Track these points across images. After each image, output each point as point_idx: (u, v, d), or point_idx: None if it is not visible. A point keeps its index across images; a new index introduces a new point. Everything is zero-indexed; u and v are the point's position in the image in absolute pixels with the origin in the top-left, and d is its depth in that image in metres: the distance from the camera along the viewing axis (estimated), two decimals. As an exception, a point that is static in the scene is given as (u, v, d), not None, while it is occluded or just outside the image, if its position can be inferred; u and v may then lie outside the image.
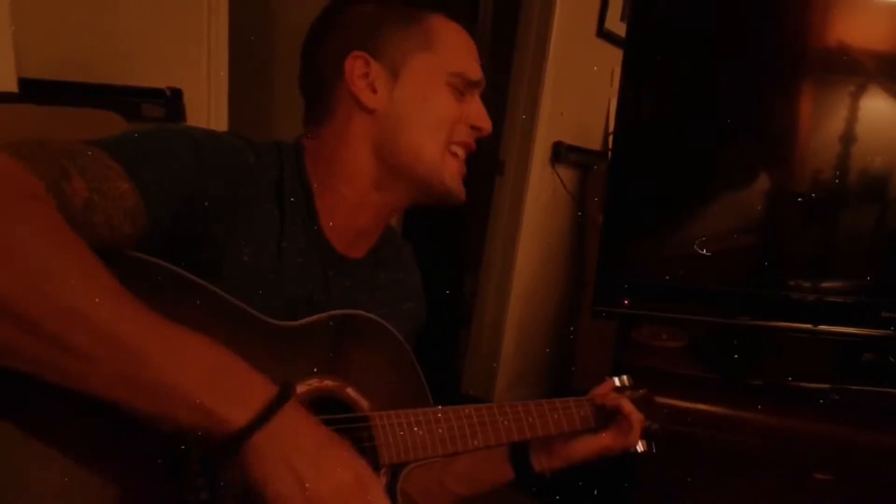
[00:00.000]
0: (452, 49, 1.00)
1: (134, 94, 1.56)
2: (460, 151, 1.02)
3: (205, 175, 0.84)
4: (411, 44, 0.98)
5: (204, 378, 0.64)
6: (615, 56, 2.98)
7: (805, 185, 1.79)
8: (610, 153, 2.94)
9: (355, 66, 0.96)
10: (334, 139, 0.99)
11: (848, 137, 1.68)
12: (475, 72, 1.02)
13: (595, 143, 3.21)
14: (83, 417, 0.66)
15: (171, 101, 1.62)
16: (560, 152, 2.99)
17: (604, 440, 1.12)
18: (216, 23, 1.74)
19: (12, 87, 1.34)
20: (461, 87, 1.00)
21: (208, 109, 1.76)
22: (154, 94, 1.60)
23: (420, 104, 0.98)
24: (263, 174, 0.93)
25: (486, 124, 1.03)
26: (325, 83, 0.98)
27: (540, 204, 3.03)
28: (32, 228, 0.61)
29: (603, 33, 3.03)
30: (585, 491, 1.54)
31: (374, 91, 0.97)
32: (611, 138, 3.05)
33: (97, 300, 0.61)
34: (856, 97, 1.68)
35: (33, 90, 1.37)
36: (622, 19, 3.03)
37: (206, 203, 0.84)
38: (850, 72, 1.68)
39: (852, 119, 1.67)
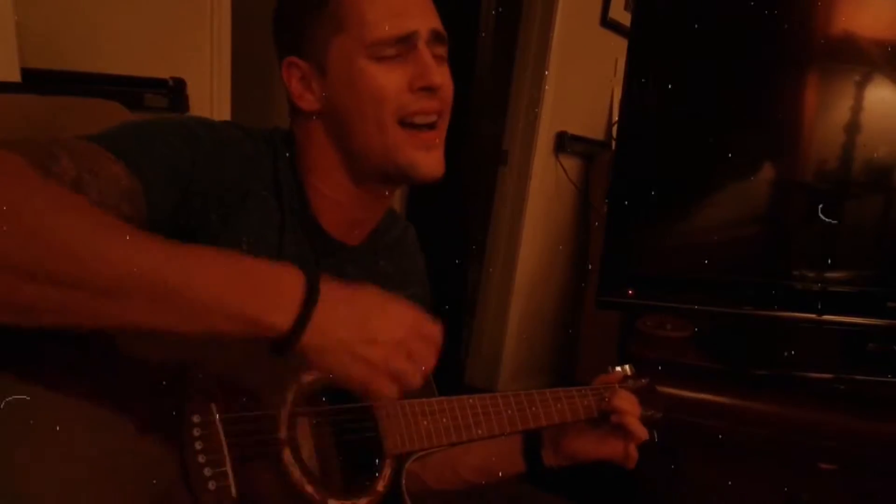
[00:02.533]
0: (362, 18, 0.91)
1: (137, 83, 1.56)
2: (420, 119, 0.94)
3: (201, 165, 0.84)
4: (325, 31, 0.92)
5: (240, 289, 0.66)
6: (619, 45, 2.97)
7: (810, 174, 1.79)
8: (614, 143, 2.94)
9: (291, 73, 0.95)
10: (303, 141, 0.98)
11: (853, 127, 1.68)
12: (397, 27, 0.91)
13: (598, 133, 3.20)
14: (84, 385, 0.67)
15: (174, 90, 1.62)
16: (564, 142, 2.99)
17: (606, 442, 1.12)
18: (219, 12, 1.73)
19: (15, 77, 1.34)
20: (390, 53, 0.91)
21: (211, 99, 1.75)
22: (157, 84, 1.59)
23: (350, 91, 0.92)
24: (260, 163, 0.93)
25: (432, 79, 0.92)
26: (285, 90, 0.97)
27: (543, 194, 3.02)
28: (23, 188, 0.61)
29: (607, 22, 3.02)
30: (590, 479, 1.54)
31: (311, 91, 0.95)
32: (614, 128, 3.04)
33: (107, 237, 0.62)
34: (861, 87, 1.67)
35: (36, 80, 1.37)
36: (626, 8, 3.02)
37: (204, 193, 0.84)
38: (855, 61, 1.68)
39: (857, 108, 1.67)
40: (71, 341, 0.64)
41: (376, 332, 0.73)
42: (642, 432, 1.10)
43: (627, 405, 1.10)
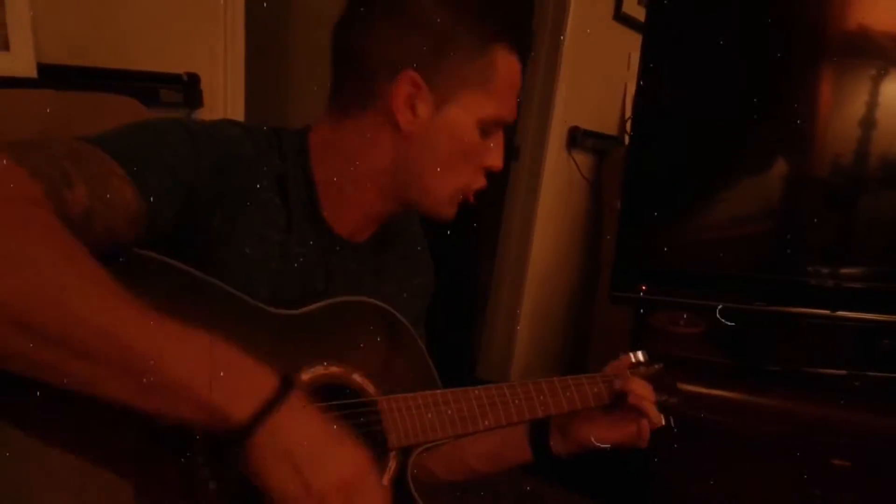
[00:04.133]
0: (504, 90, 0.95)
1: (152, 79, 1.56)
2: (470, 196, 1.00)
3: (202, 168, 0.83)
4: (469, 79, 0.93)
5: (204, 373, 0.64)
6: (632, 40, 2.96)
7: (824, 170, 1.78)
8: (626, 138, 2.93)
9: (405, 87, 0.91)
10: (355, 138, 0.96)
11: (868, 122, 1.67)
12: (512, 113, 0.98)
13: (611, 128, 3.19)
14: (87, 410, 0.66)
15: (189, 86, 1.63)
16: (576, 137, 2.98)
17: (618, 426, 1.11)
18: (233, 8, 1.73)
19: (32, 72, 1.35)
20: (490, 129, 0.97)
21: (225, 94, 1.75)
22: (172, 80, 1.60)
23: (450, 141, 0.94)
24: (262, 164, 0.91)
25: (500, 165, 1.00)
26: (365, 74, 0.93)
27: (555, 189, 3.02)
28: (31, 235, 0.61)
29: (620, 16, 3.01)
30: (603, 475, 1.54)
31: (414, 114, 0.93)
32: (627, 123, 3.03)
33: (95, 300, 0.61)
34: (877, 81, 1.66)
35: (52, 76, 1.37)
36: (639, 3, 3.00)
37: (205, 196, 0.83)
38: (871, 55, 1.66)
39: (873, 103, 1.66)
40: None
41: (327, 461, 0.70)
42: (657, 414, 1.09)
43: (641, 388, 1.09)
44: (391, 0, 0.93)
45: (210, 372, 0.65)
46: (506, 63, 0.95)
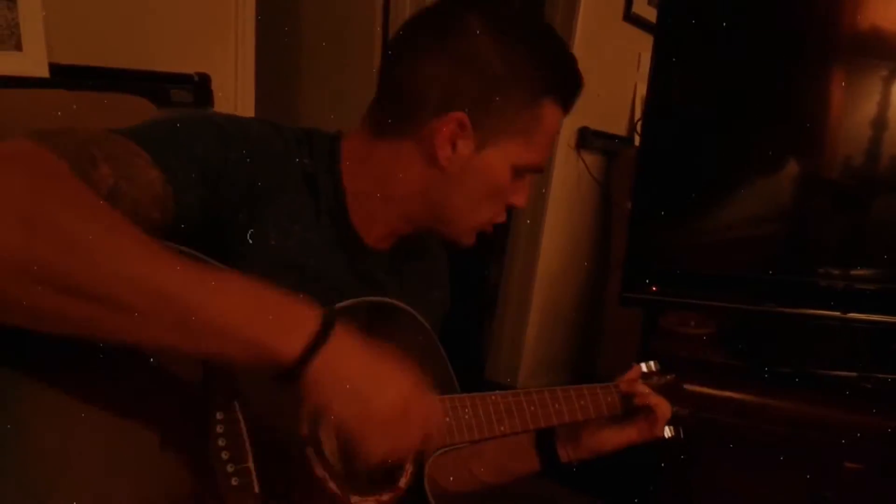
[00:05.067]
0: (544, 140, 0.98)
1: (163, 79, 1.57)
2: (489, 228, 1.03)
3: (231, 161, 0.84)
4: (515, 127, 0.94)
5: (250, 314, 0.66)
6: (642, 40, 2.95)
7: (836, 171, 1.78)
8: (636, 139, 2.92)
9: (450, 126, 0.92)
10: (388, 160, 0.96)
11: (880, 123, 1.66)
12: (546, 160, 1.01)
13: (620, 129, 3.18)
14: (107, 384, 0.68)
15: (200, 86, 1.63)
16: (585, 138, 2.97)
17: (630, 433, 1.12)
18: (244, 8, 1.74)
19: (44, 72, 1.35)
20: (522, 174, 0.99)
21: (235, 95, 1.76)
22: (183, 80, 1.61)
23: (483, 181, 0.96)
24: (291, 161, 0.92)
25: (524, 205, 1.03)
26: (411, 104, 0.94)
27: (565, 190, 3.01)
28: (61, 199, 0.61)
29: (630, 17, 3.00)
30: (612, 477, 1.54)
31: (453, 151, 0.93)
32: (637, 124, 3.02)
33: (132, 253, 0.62)
34: (888, 82, 1.65)
35: (64, 75, 1.38)
36: (650, 3, 2.99)
37: (233, 188, 0.84)
38: (883, 56, 1.65)
39: (884, 104, 1.65)
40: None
41: (382, 380, 0.72)
42: (666, 406, 1.11)
43: (649, 389, 1.11)
44: (450, 35, 0.93)
45: (254, 312, 0.66)
46: (552, 115, 0.97)
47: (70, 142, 0.70)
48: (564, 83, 0.99)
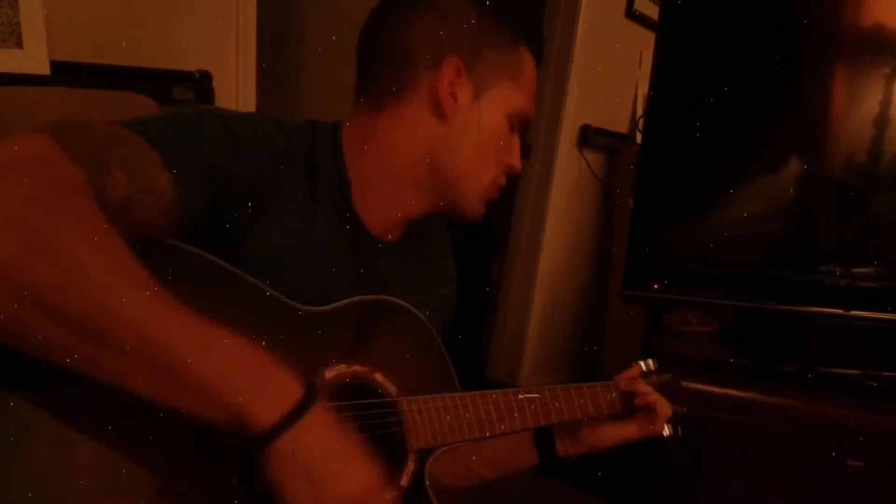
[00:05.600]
0: (528, 87, 1.01)
1: (164, 76, 1.57)
2: (496, 193, 1.04)
3: (237, 159, 0.83)
4: (504, 70, 0.98)
5: (233, 376, 0.64)
6: (644, 38, 2.96)
7: (838, 168, 1.77)
8: (638, 136, 2.92)
9: (449, 73, 0.94)
10: (392, 128, 0.97)
11: (882, 121, 1.65)
12: (534, 110, 1.03)
13: (622, 127, 3.19)
14: (110, 408, 0.66)
15: (201, 83, 1.63)
16: (587, 135, 2.98)
17: (629, 429, 1.12)
18: (245, 5, 1.74)
19: (45, 69, 1.35)
20: (516, 126, 1.02)
21: (237, 92, 1.76)
22: (184, 77, 1.61)
23: (487, 130, 0.98)
24: (295, 156, 0.92)
25: (520, 165, 1.06)
26: (403, 65, 0.96)
27: (567, 187, 3.02)
28: (70, 222, 0.61)
29: (632, 14, 3.00)
30: (615, 475, 1.54)
31: (455, 100, 0.96)
32: (639, 121, 3.02)
33: (131, 297, 0.61)
34: (890, 80, 1.65)
35: (65, 73, 1.38)
36: (652, 0, 2.99)
37: (238, 187, 0.84)
38: (885, 53, 1.65)
39: (887, 102, 1.65)
40: None
41: (341, 477, 0.70)
42: (666, 404, 1.11)
43: (649, 388, 1.11)
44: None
45: (237, 375, 0.65)
46: (528, 62, 1.01)
47: (86, 144, 0.69)
48: (534, 33, 1.03)
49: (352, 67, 1.01)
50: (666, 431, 1.13)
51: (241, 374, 0.65)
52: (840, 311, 1.71)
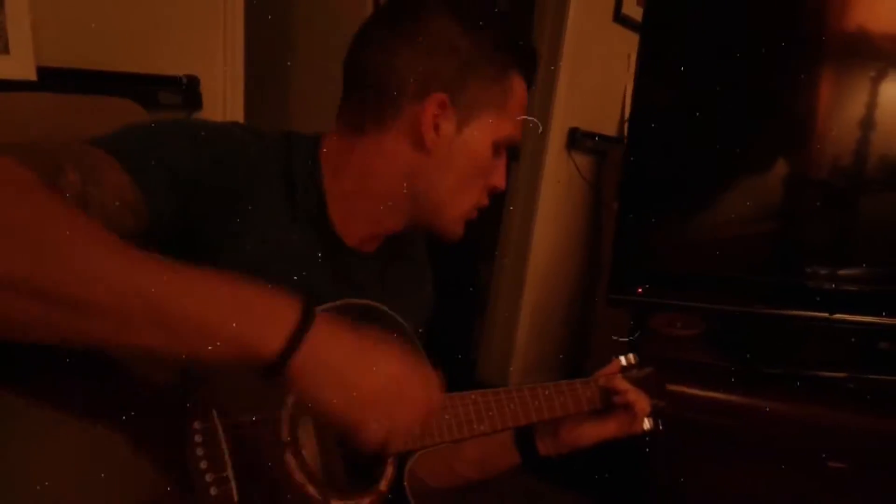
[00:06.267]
0: (516, 112, 1.01)
1: (151, 82, 1.57)
2: (474, 214, 1.04)
3: (204, 168, 0.84)
4: (490, 101, 0.98)
5: (229, 309, 0.65)
6: (631, 41, 2.95)
7: (824, 171, 1.78)
8: (626, 139, 2.93)
9: (433, 108, 0.94)
10: (371, 154, 0.97)
11: (868, 123, 1.67)
12: (519, 135, 1.03)
13: (611, 130, 3.19)
14: (84, 394, 0.67)
15: (188, 88, 1.63)
16: (576, 138, 2.98)
17: (609, 427, 1.13)
18: (232, 10, 1.74)
19: (31, 75, 1.35)
20: (500, 149, 1.02)
21: (224, 97, 1.76)
22: (171, 82, 1.61)
23: (468, 159, 0.99)
24: (268, 166, 0.92)
25: (504, 185, 1.05)
26: (386, 94, 0.95)
27: (555, 190, 3.02)
28: (28, 206, 0.61)
29: (620, 18, 3.01)
30: (601, 477, 1.54)
31: (437, 132, 0.96)
32: (626, 124, 3.03)
33: (107, 257, 0.61)
34: (876, 82, 1.66)
35: (52, 79, 1.38)
36: (638, 4, 3.00)
37: (207, 194, 0.84)
38: (870, 56, 1.66)
39: (872, 104, 1.66)
40: (71, 350, 0.65)
41: (369, 366, 0.71)
42: (645, 401, 1.12)
43: (634, 395, 1.11)
44: (416, 25, 0.96)
45: (234, 309, 0.65)
46: (519, 87, 1.01)
47: (35, 152, 0.69)
48: (526, 58, 1.02)
49: (341, 72, 1.01)
50: (646, 426, 1.14)
51: (237, 307, 0.66)
52: (825, 315, 1.72)
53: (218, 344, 0.64)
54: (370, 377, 0.71)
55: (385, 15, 1.00)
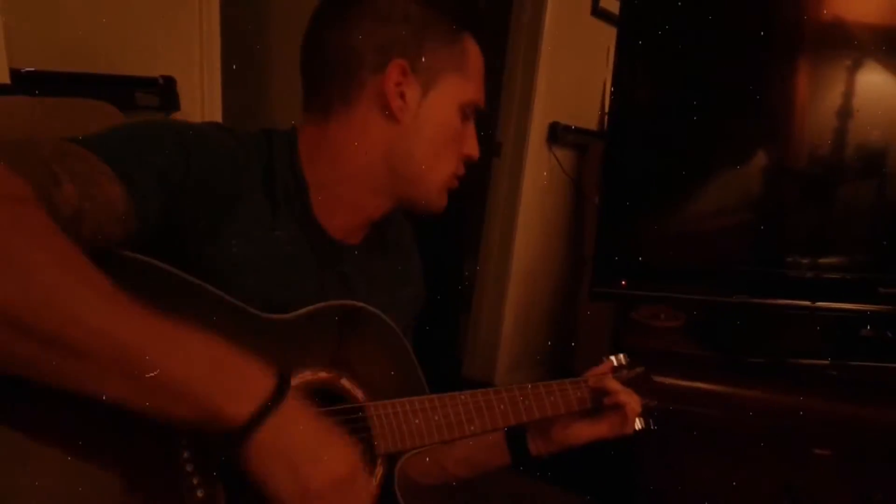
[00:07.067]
0: (476, 75, 1.01)
1: (127, 83, 1.55)
2: (455, 183, 1.04)
3: (191, 169, 0.83)
4: (448, 63, 0.98)
5: (202, 373, 0.64)
6: (610, 35, 2.96)
7: (802, 161, 1.79)
8: (606, 133, 2.94)
9: (394, 75, 0.94)
10: (344, 134, 0.97)
11: (845, 112, 1.68)
12: (482, 97, 1.03)
13: (591, 124, 3.20)
14: (77, 419, 0.66)
15: (165, 89, 1.62)
16: (557, 133, 2.99)
17: (600, 427, 1.13)
18: (208, 9, 1.73)
19: (4, 78, 1.34)
20: (469, 114, 1.02)
21: (202, 97, 1.75)
22: (147, 83, 1.59)
23: (440, 126, 0.99)
24: (250, 165, 0.92)
25: (477, 153, 1.05)
26: (348, 70, 0.96)
27: (537, 186, 3.03)
28: (22, 234, 0.60)
29: (597, 12, 3.02)
30: (588, 469, 1.55)
31: (403, 100, 0.96)
32: (607, 118, 3.04)
33: (91, 300, 0.61)
34: (852, 71, 1.68)
35: (25, 81, 1.36)
36: (617, -2, 3.01)
37: (193, 197, 0.83)
38: (846, 46, 1.67)
39: (849, 94, 1.67)
40: None
41: (323, 461, 0.71)
42: (636, 402, 1.11)
43: (626, 395, 1.11)
44: (367, 2, 0.96)
45: (208, 372, 0.65)
46: (473, 49, 1.01)
47: (32, 158, 0.68)
48: (475, 17, 1.04)
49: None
50: (637, 425, 1.14)
51: (211, 371, 0.65)
52: (807, 303, 1.73)
53: (185, 406, 0.64)
54: (322, 473, 0.70)
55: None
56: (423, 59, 0.96)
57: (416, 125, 0.97)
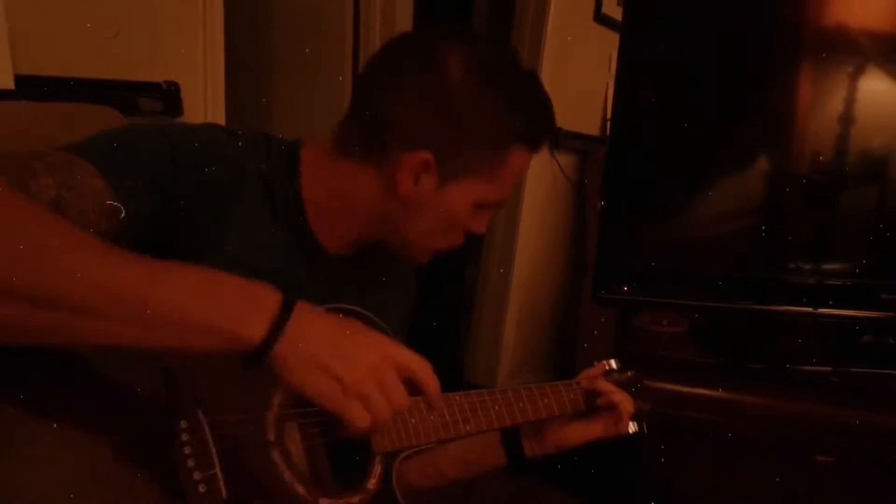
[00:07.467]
0: (509, 181, 0.99)
1: (131, 88, 1.56)
2: (444, 252, 1.04)
3: (180, 168, 0.84)
4: (481, 167, 0.96)
5: (209, 301, 0.66)
6: (613, 40, 2.96)
7: (804, 167, 1.79)
8: (609, 139, 2.94)
9: (416, 162, 0.93)
10: (351, 180, 0.97)
11: (847, 118, 1.68)
12: (508, 198, 1.02)
13: (594, 129, 3.20)
14: (71, 394, 0.67)
15: (168, 94, 1.62)
16: (559, 138, 2.99)
17: (594, 428, 1.14)
18: (212, 14, 1.73)
19: (9, 83, 1.34)
20: (485, 209, 1.01)
21: (205, 102, 1.75)
22: (151, 89, 1.60)
23: (444, 215, 0.98)
24: (247, 166, 0.92)
25: (483, 231, 1.04)
26: (380, 134, 0.94)
27: (539, 191, 3.02)
28: (3, 211, 0.60)
29: (600, 17, 3.02)
30: (587, 476, 1.55)
31: (416, 185, 0.94)
32: (609, 124, 3.04)
33: (84, 255, 0.61)
34: (854, 78, 1.68)
35: (30, 86, 1.37)
36: (619, 3, 3.01)
37: (185, 196, 0.84)
38: (849, 52, 1.67)
39: (851, 100, 1.67)
40: (56, 351, 0.65)
41: (352, 353, 0.72)
42: (629, 402, 1.12)
43: (618, 396, 1.12)
44: (428, 77, 0.93)
45: (215, 302, 0.66)
46: (519, 157, 0.98)
47: (7, 157, 0.69)
48: (536, 130, 1.00)
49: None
50: (631, 429, 1.15)
51: (217, 298, 0.66)
52: (808, 309, 1.73)
53: (199, 335, 0.65)
54: (352, 366, 0.71)
55: (402, 50, 0.97)
56: (454, 160, 0.94)
57: (420, 208, 0.96)
